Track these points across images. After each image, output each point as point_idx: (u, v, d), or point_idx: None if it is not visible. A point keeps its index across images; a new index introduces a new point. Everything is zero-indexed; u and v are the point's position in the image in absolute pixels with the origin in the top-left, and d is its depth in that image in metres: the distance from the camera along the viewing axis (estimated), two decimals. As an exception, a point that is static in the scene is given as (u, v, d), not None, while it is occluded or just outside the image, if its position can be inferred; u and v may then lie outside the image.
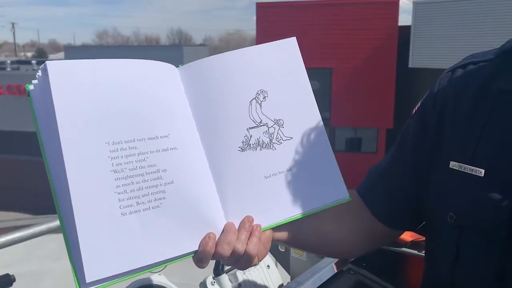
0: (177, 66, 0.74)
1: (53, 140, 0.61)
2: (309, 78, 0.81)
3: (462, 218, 0.72)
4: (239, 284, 1.27)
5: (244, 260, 0.71)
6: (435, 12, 13.60)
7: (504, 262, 0.68)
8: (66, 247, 0.60)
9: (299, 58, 0.79)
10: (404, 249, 1.25)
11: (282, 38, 0.81)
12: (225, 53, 0.75)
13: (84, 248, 0.59)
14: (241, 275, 1.29)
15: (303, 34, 15.20)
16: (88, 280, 0.58)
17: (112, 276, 0.60)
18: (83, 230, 0.59)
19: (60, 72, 0.62)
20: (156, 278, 1.12)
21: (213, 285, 1.24)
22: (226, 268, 1.30)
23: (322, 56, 15.40)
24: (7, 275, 1.11)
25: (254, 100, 0.75)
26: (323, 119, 0.81)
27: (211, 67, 0.74)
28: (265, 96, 0.75)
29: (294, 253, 1.55)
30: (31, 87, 0.64)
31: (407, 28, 14.72)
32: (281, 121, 0.76)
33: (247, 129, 0.74)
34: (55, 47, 74.09)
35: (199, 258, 0.68)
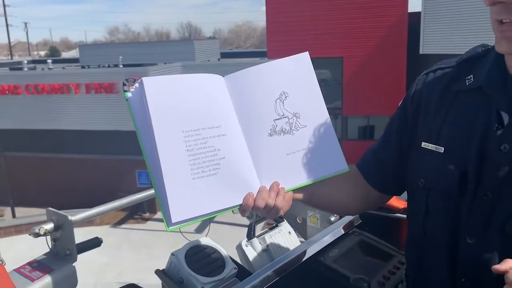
0: (218, 73, 1.01)
1: (147, 131, 0.90)
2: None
3: (429, 182, 0.96)
4: (267, 245, 1.53)
5: (273, 211, 0.98)
6: (445, -2, 13.54)
7: (458, 214, 0.91)
8: (158, 203, 0.90)
9: (310, 67, 1.04)
10: (398, 214, 1.55)
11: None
12: (256, 66, 1.02)
13: (171, 201, 0.88)
14: (269, 239, 1.56)
15: (312, 24, 15.20)
16: (173, 221, 0.88)
17: (188, 219, 0.90)
18: (169, 189, 0.88)
19: (152, 85, 0.90)
20: (204, 240, 1.41)
21: (247, 246, 1.51)
22: (257, 234, 1.59)
23: (332, 45, 15.32)
24: (97, 238, 1.33)
25: (278, 99, 1.00)
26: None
27: (246, 77, 1.01)
28: (286, 96, 1.01)
29: (310, 222, 1.85)
30: (129, 94, 0.92)
31: (417, 15, 14.60)
32: (298, 114, 1.01)
33: (273, 120, 1.00)
34: (67, 45, 74.57)
35: (243, 209, 0.96)
